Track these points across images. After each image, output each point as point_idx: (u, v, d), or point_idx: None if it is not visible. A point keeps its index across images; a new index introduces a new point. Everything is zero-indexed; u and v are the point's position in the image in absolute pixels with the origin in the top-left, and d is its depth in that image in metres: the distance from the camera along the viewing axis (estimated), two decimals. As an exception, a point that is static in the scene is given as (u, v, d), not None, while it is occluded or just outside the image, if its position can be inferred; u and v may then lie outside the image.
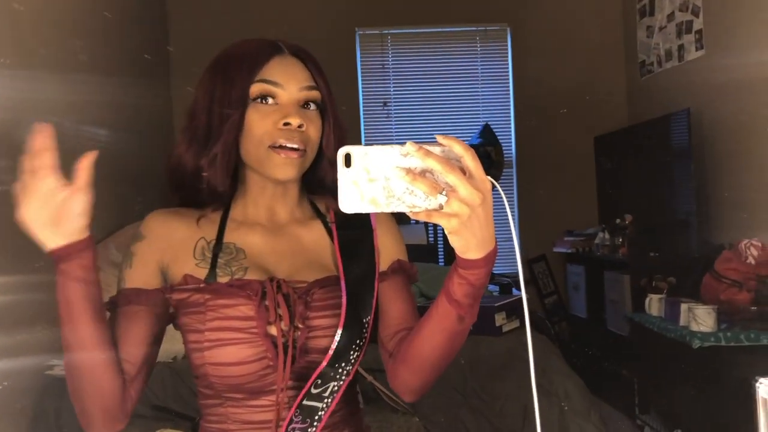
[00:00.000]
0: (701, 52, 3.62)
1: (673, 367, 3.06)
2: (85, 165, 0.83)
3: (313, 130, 1.00)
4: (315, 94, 1.01)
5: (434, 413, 2.21)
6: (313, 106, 1.02)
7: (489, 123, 4.51)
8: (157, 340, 1.02)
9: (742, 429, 2.86)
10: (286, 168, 0.98)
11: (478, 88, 4.70)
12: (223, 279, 0.99)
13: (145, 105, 3.67)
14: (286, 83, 0.99)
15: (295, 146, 0.97)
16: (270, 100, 0.99)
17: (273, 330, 0.97)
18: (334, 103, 1.05)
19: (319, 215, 1.10)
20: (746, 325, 2.81)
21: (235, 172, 1.05)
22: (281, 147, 0.97)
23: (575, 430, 2.20)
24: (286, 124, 0.97)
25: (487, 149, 4.27)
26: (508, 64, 4.67)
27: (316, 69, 1.03)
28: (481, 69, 4.70)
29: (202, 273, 1.00)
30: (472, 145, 4.22)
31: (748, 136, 3.28)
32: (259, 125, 0.97)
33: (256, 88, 0.98)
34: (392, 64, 4.65)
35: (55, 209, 0.82)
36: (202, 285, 0.99)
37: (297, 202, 1.09)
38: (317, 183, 1.08)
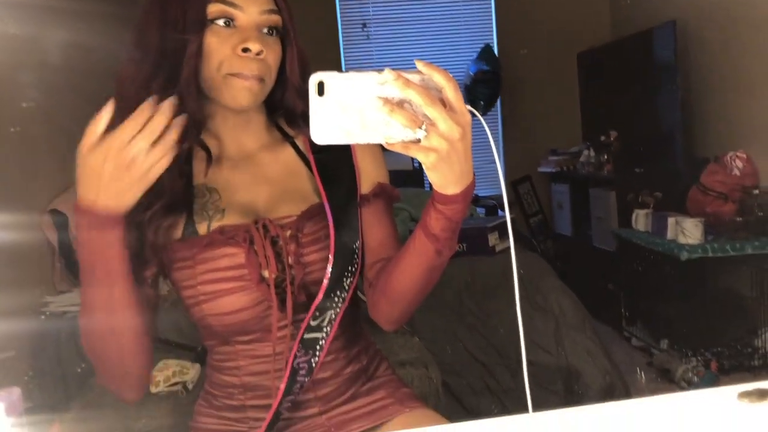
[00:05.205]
0: (687, -38, 3.55)
1: (660, 280, 3.12)
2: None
3: (273, 58, 0.93)
4: (276, 18, 0.93)
5: (432, 332, 2.25)
6: (273, 32, 0.94)
7: (471, 42, 4.42)
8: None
9: (727, 337, 2.96)
10: (244, 94, 0.90)
11: (459, 6, 4.59)
12: (200, 226, 0.94)
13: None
14: (245, 5, 0.90)
15: (255, 75, 0.90)
16: (228, 23, 0.90)
17: (267, 273, 0.93)
18: (296, 28, 0.96)
19: (287, 137, 1.03)
20: (732, 235, 2.87)
21: None
22: (240, 74, 0.90)
23: (570, 343, 2.26)
24: (245, 50, 0.89)
25: (500, 74, 4.16)
26: (489, -20, 4.55)
27: None
28: (462, -14, 4.58)
29: (180, 224, 0.94)
30: (483, 71, 4.17)
31: (734, 48, 3.25)
32: (218, 50, 0.89)
33: (213, 8, 0.89)
34: (370, -17, 4.51)
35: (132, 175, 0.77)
36: (185, 240, 0.93)
37: (263, 129, 1.02)
38: (286, 114, 1.02)
